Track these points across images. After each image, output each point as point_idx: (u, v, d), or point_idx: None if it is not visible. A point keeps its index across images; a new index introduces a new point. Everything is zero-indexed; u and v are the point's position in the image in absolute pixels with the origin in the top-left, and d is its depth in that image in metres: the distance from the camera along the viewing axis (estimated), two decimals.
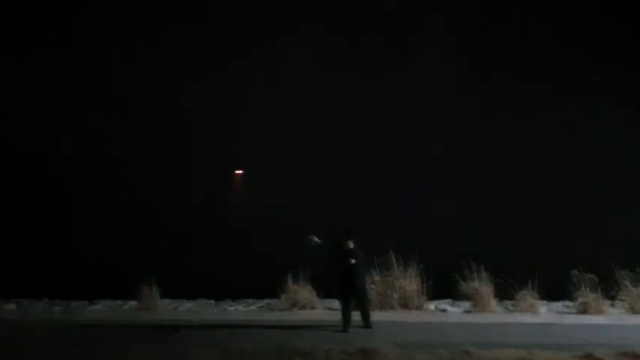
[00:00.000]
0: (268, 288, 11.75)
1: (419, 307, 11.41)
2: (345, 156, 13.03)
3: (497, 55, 13.16)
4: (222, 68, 13.49)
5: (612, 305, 11.34)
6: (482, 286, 11.37)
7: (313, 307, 11.32)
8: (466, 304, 11.53)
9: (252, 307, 12.15)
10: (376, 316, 10.94)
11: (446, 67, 13.15)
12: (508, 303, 11.58)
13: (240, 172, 11.17)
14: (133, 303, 12.09)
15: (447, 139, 13.12)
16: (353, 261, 9.62)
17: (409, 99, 13.23)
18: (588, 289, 11.15)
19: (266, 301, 12.25)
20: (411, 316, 11.03)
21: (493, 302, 11.39)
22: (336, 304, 10.45)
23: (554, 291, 11.50)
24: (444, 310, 11.58)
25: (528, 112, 13.03)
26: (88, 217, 13.26)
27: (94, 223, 13.19)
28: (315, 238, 9.97)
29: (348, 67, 13.23)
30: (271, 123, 13.25)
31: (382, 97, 13.24)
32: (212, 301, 12.46)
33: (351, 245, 9.79)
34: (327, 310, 11.07)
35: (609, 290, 11.27)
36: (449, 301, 11.85)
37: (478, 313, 11.15)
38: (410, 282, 11.45)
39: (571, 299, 11.41)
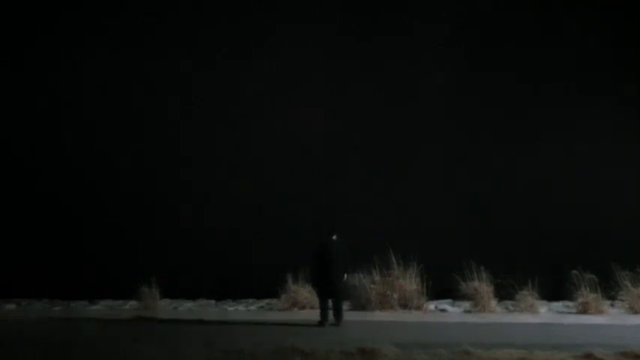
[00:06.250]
0: (268, 288, 11.77)
1: (419, 307, 11.42)
2: (344, 155, 13.02)
3: (497, 54, 13.15)
4: (216, 66, 13.51)
5: (612, 305, 11.34)
6: (482, 286, 11.38)
7: (313, 307, 11.31)
8: (466, 304, 11.53)
9: (253, 307, 12.17)
10: (376, 316, 10.98)
11: (444, 67, 13.15)
12: (508, 303, 11.58)
13: None
14: (133, 303, 12.12)
15: (446, 138, 13.10)
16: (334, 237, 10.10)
17: (409, 98, 13.22)
18: (588, 289, 11.15)
19: (266, 301, 12.27)
20: (411, 316, 11.03)
21: (493, 302, 11.40)
22: None
23: (554, 291, 11.50)
24: (444, 310, 11.59)
25: (527, 111, 13.01)
26: (88, 217, 13.26)
27: (95, 223, 13.19)
28: None
29: (346, 66, 13.23)
30: (270, 123, 13.25)
31: (381, 96, 13.22)
32: (212, 301, 12.49)
33: (334, 237, 10.13)
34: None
35: (609, 290, 11.27)
36: (449, 301, 11.86)
37: (478, 313, 11.15)
38: (410, 282, 11.46)
39: (571, 299, 11.41)
